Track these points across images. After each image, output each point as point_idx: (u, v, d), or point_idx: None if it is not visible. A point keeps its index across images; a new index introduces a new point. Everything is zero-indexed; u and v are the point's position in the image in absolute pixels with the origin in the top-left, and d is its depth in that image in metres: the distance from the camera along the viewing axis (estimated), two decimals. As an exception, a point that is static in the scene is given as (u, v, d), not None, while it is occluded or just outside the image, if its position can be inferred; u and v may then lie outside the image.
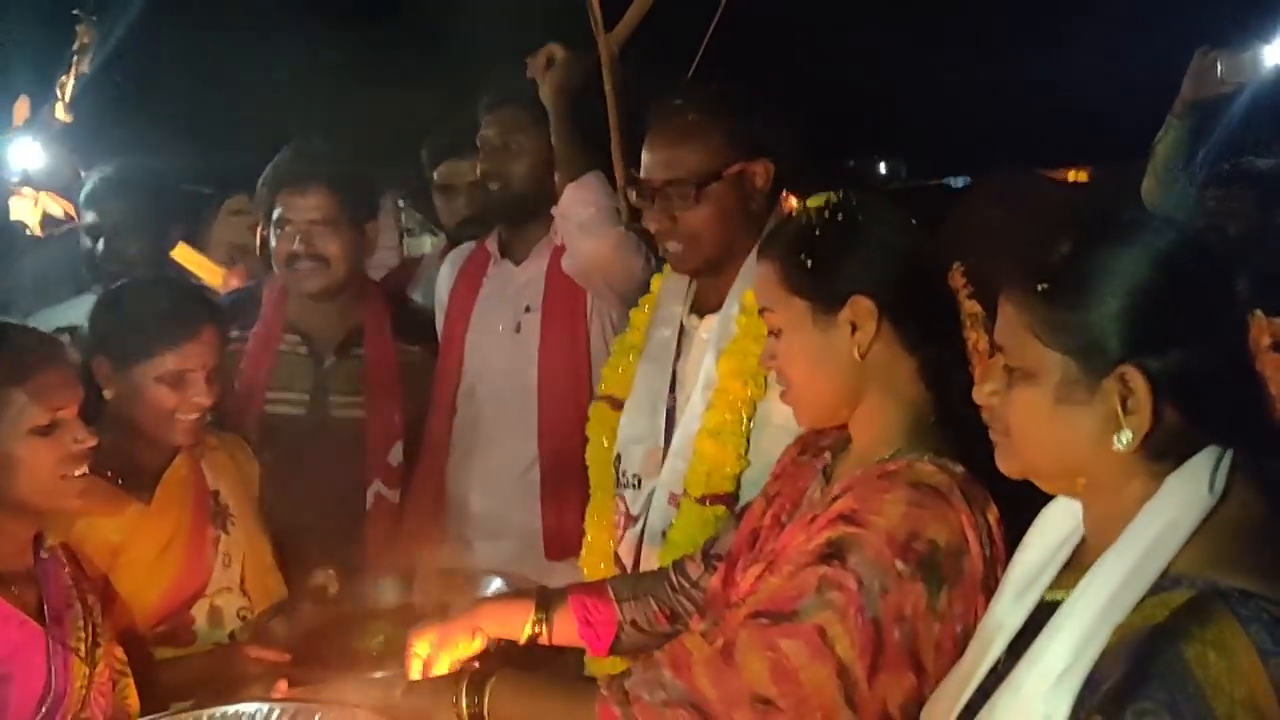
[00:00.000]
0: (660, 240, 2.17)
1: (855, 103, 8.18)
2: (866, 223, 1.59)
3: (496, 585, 2.26)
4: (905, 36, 7.49)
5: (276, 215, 2.67)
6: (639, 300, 2.39)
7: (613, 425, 2.31)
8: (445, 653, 1.82)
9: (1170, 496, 1.14)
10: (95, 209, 3.01)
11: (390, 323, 2.82)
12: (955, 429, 1.51)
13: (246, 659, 2.03)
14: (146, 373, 2.10)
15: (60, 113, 3.63)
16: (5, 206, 3.39)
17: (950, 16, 7.47)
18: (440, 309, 2.94)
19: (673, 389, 2.21)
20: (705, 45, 3.52)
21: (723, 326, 2.11)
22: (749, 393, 2.03)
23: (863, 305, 1.55)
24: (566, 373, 2.73)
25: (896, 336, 1.57)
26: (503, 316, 2.84)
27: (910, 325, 1.57)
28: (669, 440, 2.17)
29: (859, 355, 1.55)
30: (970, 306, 1.52)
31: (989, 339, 1.37)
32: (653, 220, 2.14)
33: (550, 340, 2.75)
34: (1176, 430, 1.15)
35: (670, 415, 2.20)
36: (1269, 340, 1.16)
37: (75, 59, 3.66)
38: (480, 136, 2.84)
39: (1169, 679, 1.01)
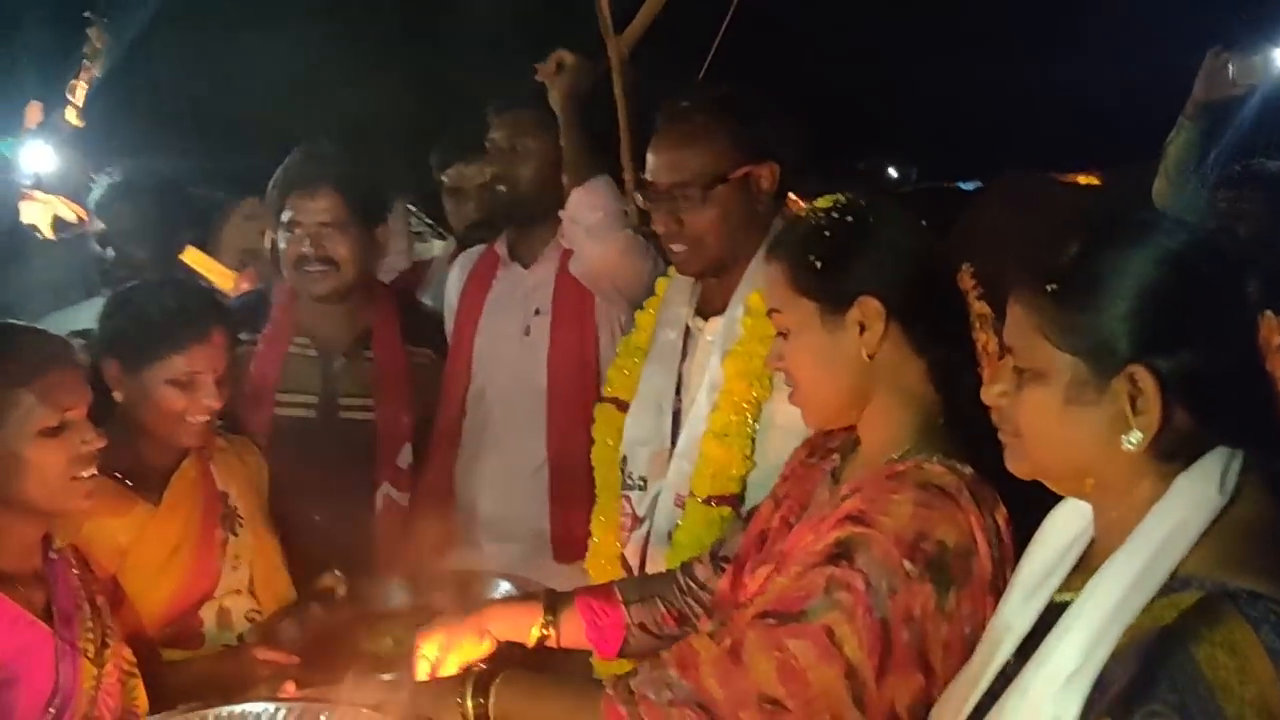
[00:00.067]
0: (666, 242, 2.17)
1: (867, 105, 8.18)
2: (875, 224, 1.59)
3: (504, 588, 2.26)
4: (917, 39, 7.48)
5: (286, 218, 2.67)
6: (644, 302, 2.39)
7: (618, 427, 2.31)
8: (453, 655, 1.82)
9: (1179, 497, 1.13)
10: (104, 216, 3.02)
11: (399, 325, 2.81)
12: (964, 430, 1.51)
13: (255, 661, 2.04)
14: (156, 375, 2.11)
15: (72, 117, 3.65)
16: (17, 210, 3.40)
17: (961, 19, 7.45)
18: (450, 312, 2.94)
19: (678, 391, 2.22)
20: (716, 48, 3.52)
21: (728, 328, 2.11)
22: (754, 394, 2.03)
23: (871, 306, 1.54)
24: (575, 375, 2.72)
25: (905, 337, 1.56)
26: (512, 319, 2.83)
27: (919, 326, 1.57)
28: (674, 442, 2.17)
29: (867, 356, 1.55)
30: (979, 308, 1.51)
31: (998, 340, 1.36)
32: (659, 222, 2.14)
33: (559, 343, 2.75)
34: (1186, 431, 1.14)
35: (676, 417, 2.20)
36: (1279, 341, 1.15)
37: (86, 63, 3.67)
38: (489, 140, 2.84)
39: (1179, 681, 1.00)
